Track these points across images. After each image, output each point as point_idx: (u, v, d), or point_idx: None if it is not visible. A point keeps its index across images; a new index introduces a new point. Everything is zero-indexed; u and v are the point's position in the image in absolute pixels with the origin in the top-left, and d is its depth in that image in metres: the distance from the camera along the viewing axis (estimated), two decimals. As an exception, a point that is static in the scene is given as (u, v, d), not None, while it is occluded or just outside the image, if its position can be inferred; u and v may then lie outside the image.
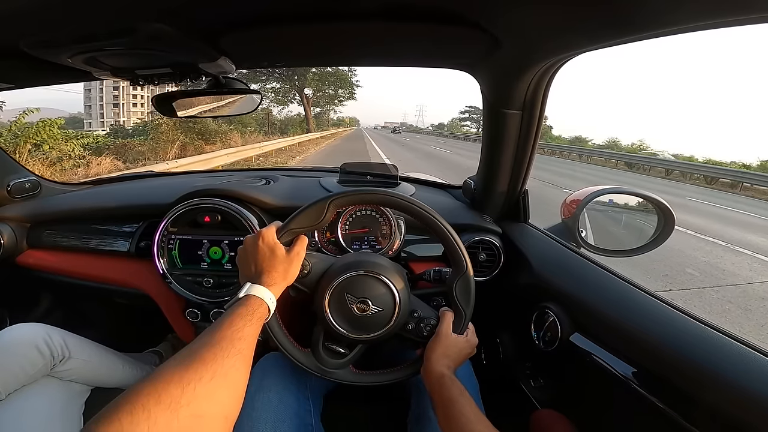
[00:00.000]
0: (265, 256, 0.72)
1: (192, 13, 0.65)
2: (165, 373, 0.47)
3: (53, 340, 0.96)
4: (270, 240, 0.73)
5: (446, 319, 0.80)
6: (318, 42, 0.84)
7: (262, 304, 0.65)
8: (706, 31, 0.55)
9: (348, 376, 0.83)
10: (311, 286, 0.81)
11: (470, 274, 0.80)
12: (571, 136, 52.76)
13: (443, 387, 0.71)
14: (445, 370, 0.74)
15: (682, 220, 5.39)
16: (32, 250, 1.29)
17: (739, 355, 0.60)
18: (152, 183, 1.58)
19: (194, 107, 1.16)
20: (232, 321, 0.59)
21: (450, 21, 0.68)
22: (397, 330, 0.80)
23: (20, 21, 0.64)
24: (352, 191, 0.77)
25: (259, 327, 0.62)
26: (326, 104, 37.43)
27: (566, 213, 1.09)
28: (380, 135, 46.02)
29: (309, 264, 0.80)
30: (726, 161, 25.85)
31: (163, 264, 1.14)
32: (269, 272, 0.70)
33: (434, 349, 0.77)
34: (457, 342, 0.79)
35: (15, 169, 1.32)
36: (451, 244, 0.79)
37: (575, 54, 0.76)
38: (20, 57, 0.75)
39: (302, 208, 0.76)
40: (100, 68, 0.84)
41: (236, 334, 0.56)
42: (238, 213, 1.11)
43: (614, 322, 0.78)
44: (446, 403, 0.68)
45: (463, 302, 0.81)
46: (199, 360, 0.50)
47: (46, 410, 0.92)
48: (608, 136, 71.51)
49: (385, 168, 1.45)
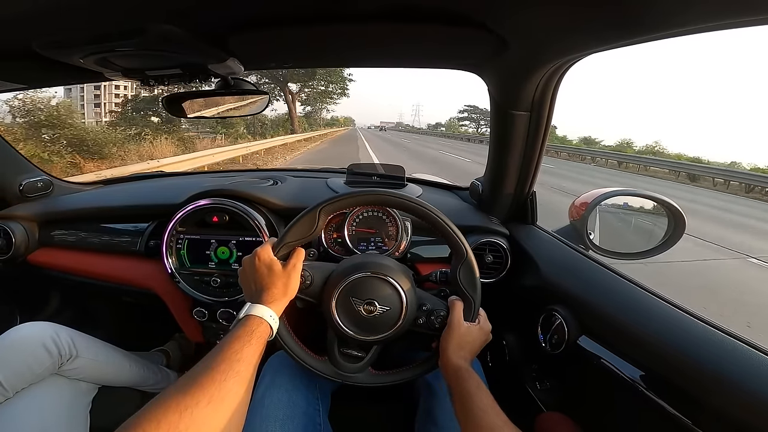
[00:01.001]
0: (263, 274, 0.72)
1: (200, 14, 0.66)
2: (164, 399, 0.48)
3: (61, 339, 0.97)
4: (266, 257, 0.73)
5: (456, 309, 0.79)
6: (325, 43, 0.85)
7: (261, 323, 0.66)
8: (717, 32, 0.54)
9: (368, 378, 0.83)
10: (316, 295, 0.81)
11: (471, 259, 0.78)
12: (579, 138, 50.78)
13: (460, 380, 0.70)
14: (462, 362, 0.73)
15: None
16: (43, 248, 1.31)
17: (749, 358, 0.59)
18: (162, 183, 1.60)
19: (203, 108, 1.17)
20: (231, 343, 0.60)
21: (456, 22, 0.67)
22: (408, 326, 0.80)
23: (33, 23, 0.65)
24: (340, 196, 0.77)
25: (260, 346, 0.63)
26: (317, 102, 34.07)
27: (575, 215, 1.08)
28: (377, 136, 43.58)
29: (310, 275, 0.79)
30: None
31: (171, 263, 1.15)
32: (269, 289, 0.71)
33: (448, 341, 0.76)
34: (471, 331, 0.78)
35: (27, 168, 1.35)
36: (447, 231, 0.78)
37: (584, 55, 0.76)
38: (33, 58, 0.76)
39: (293, 221, 0.76)
40: (112, 69, 0.85)
41: (235, 356, 0.58)
42: (246, 213, 1.12)
43: (622, 325, 0.77)
44: (464, 395, 0.67)
45: (469, 288, 0.79)
46: (197, 385, 0.51)
47: (53, 408, 0.93)
48: (620, 137, 68.21)
49: (392, 169, 1.45)
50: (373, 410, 1.02)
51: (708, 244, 5.42)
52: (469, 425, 0.64)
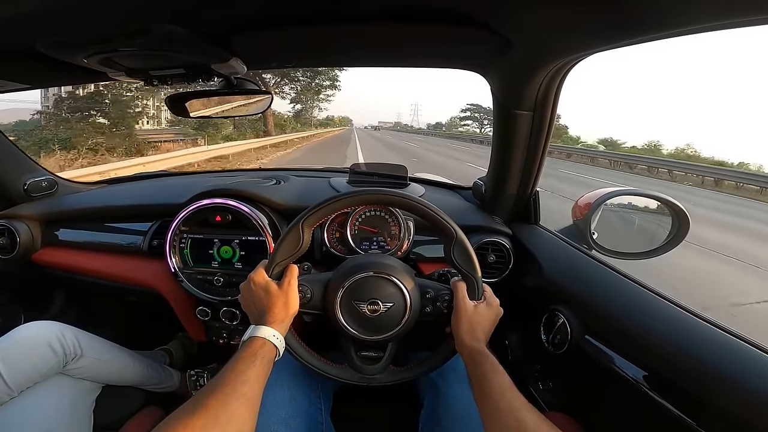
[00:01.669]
0: (261, 296, 0.73)
1: (204, 14, 0.66)
2: (172, 421, 0.50)
3: (66, 339, 0.97)
4: (260, 280, 0.74)
5: (459, 289, 0.78)
6: (327, 43, 0.85)
7: (265, 344, 0.67)
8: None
9: (391, 376, 0.82)
10: (319, 306, 0.81)
11: (462, 237, 0.77)
12: (598, 139, 45.51)
13: (476, 362, 0.69)
14: (475, 343, 0.72)
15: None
16: (48, 248, 1.32)
17: (752, 358, 0.59)
18: (165, 183, 1.61)
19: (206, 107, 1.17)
20: (236, 365, 0.61)
21: (458, 22, 0.67)
22: (417, 317, 0.80)
23: (37, 23, 0.65)
24: (318, 205, 0.76)
25: (264, 366, 0.64)
26: (306, 97, 30.54)
27: (578, 215, 1.08)
28: (375, 138, 38.62)
29: (308, 288, 0.79)
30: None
31: (174, 262, 1.16)
32: (269, 311, 0.72)
33: (458, 323, 0.75)
34: (479, 310, 0.76)
35: (32, 168, 1.35)
36: (431, 216, 0.77)
37: (586, 54, 0.76)
38: (37, 58, 0.76)
39: (279, 239, 0.76)
40: (115, 69, 0.85)
41: (240, 377, 0.59)
42: (249, 213, 1.12)
43: (625, 325, 0.76)
44: (480, 379, 0.67)
45: (466, 267, 0.78)
46: (202, 407, 0.53)
47: (57, 407, 0.94)
48: (647, 139, 60.24)
49: (394, 168, 1.44)
50: (375, 409, 1.02)
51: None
52: (486, 408, 0.63)
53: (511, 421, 0.58)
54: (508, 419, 0.58)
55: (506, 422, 0.58)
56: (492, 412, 0.61)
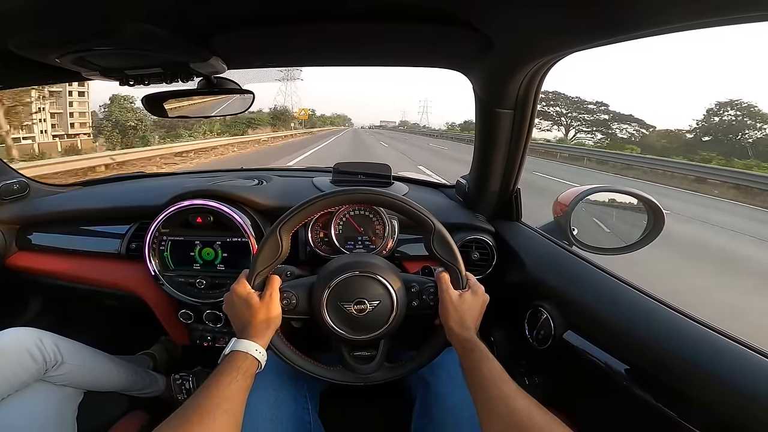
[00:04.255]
0: (242, 309, 0.73)
1: (182, 14, 0.64)
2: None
3: (45, 345, 0.95)
4: (242, 292, 0.73)
5: (443, 280, 0.77)
6: (309, 42, 0.84)
7: (247, 358, 0.67)
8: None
9: (386, 373, 0.82)
10: (306, 311, 0.80)
11: (440, 228, 0.77)
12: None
13: (466, 351, 0.70)
14: (465, 332, 0.72)
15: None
16: (21, 252, 1.28)
17: (731, 352, 0.61)
18: (143, 184, 1.57)
19: (185, 107, 1.15)
20: (219, 381, 0.61)
21: (442, 21, 0.68)
22: (405, 312, 0.80)
23: (8, 21, 0.63)
24: (293, 209, 0.75)
25: (247, 381, 0.64)
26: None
27: (558, 211, 1.10)
28: (375, 140, 32.68)
29: (293, 294, 0.79)
30: None
31: (154, 265, 1.13)
32: (251, 323, 0.71)
33: (446, 314, 0.75)
34: (465, 299, 0.76)
35: (3, 170, 1.30)
36: (407, 210, 0.77)
37: (567, 53, 0.77)
38: (8, 57, 0.74)
39: (258, 248, 0.75)
40: (89, 68, 0.83)
41: (222, 393, 0.59)
42: (231, 214, 1.11)
43: (606, 320, 0.78)
44: (471, 369, 0.67)
45: (448, 257, 0.78)
46: (188, 422, 0.53)
47: (39, 415, 0.92)
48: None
49: (378, 167, 1.44)
50: (364, 408, 1.02)
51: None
52: (479, 398, 0.63)
53: (502, 407, 0.59)
54: (499, 406, 0.59)
55: (498, 409, 0.59)
56: (484, 400, 0.62)
